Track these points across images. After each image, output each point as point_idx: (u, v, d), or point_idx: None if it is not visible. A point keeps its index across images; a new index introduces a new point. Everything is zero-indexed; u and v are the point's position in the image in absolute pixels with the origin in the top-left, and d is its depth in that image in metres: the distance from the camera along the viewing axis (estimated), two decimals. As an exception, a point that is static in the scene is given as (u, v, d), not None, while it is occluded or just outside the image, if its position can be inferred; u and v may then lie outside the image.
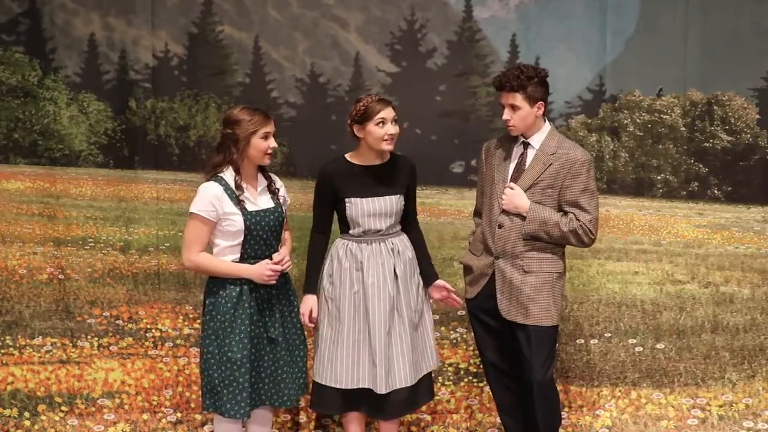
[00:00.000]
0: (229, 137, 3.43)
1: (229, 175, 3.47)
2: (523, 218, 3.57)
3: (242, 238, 3.45)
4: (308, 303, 3.66)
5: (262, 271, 3.45)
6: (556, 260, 3.64)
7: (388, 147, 3.56)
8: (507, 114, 3.57)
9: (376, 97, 3.57)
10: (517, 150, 3.67)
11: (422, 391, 3.75)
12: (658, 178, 4.58)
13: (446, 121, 4.51)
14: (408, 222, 3.75)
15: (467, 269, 3.79)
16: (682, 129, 4.56)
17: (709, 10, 4.42)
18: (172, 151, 4.60)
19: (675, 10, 4.43)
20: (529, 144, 3.64)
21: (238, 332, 3.44)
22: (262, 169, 3.57)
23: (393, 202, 3.63)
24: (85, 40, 4.52)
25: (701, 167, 4.55)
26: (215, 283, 3.48)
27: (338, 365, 3.62)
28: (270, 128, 3.45)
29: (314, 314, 3.64)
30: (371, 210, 3.60)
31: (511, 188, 3.59)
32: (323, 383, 3.66)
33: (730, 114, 4.52)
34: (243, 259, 3.47)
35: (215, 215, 3.42)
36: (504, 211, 3.61)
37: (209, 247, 3.50)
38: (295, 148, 4.52)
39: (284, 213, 3.58)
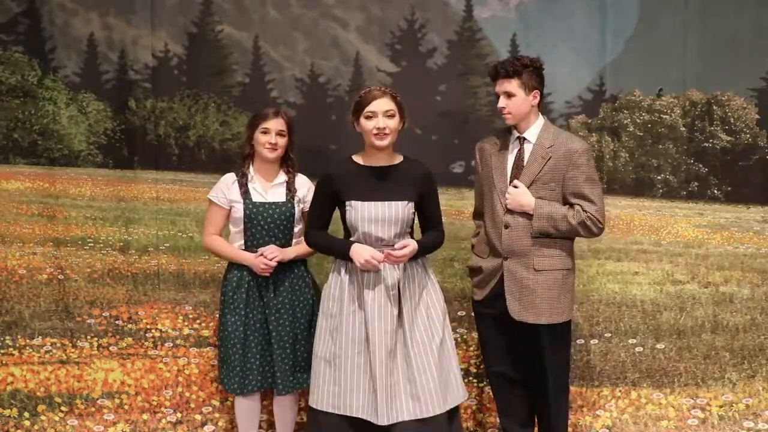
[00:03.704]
0: (246, 134, 3.81)
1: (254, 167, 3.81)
2: (530, 216, 3.54)
3: (243, 226, 3.73)
4: (360, 252, 3.32)
5: (257, 262, 3.68)
6: (565, 257, 3.62)
7: (379, 143, 3.36)
8: (502, 102, 3.54)
9: (375, 87, 3.44)
10: (512, 146, 3.64)
11: (447, 428, 3.37)
12: (658, 178, 4.58)
13: (446, 121, 4.50)
14: (427, 232, 3.55)
15: (475, 271, 3.72)
16: (682, 129, 4.56)
17: (708, 11, 4.42)
18: (172, 151, 4.60)
19: (675, 10, 4.42)
20: (525, 139, 3.61)
21: (234, 314, 3.74)
22: (289, 167, 3.79)
23: (398, 209, 3.39)
24: (84, 40, 4.51)
25: (701, 167, 4.56)
26: (227, 265, 3.83)
27: (335, 388, 3.38)
28: (269, 124, 3.72)
29: (376, 256, 3.30)
30: (371, 215, 3.37)
31: (515, 186, 3.56)
32: (317, 408, 3.43)
33: (729, 114, 4.52)
34: (247, 247, 3.75)
35: (225, 201, 3.76)
36: (509, 211, 3.56)
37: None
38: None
39: (294, 210, 3.74)
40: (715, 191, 4.55)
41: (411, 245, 3.37)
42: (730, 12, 4.42)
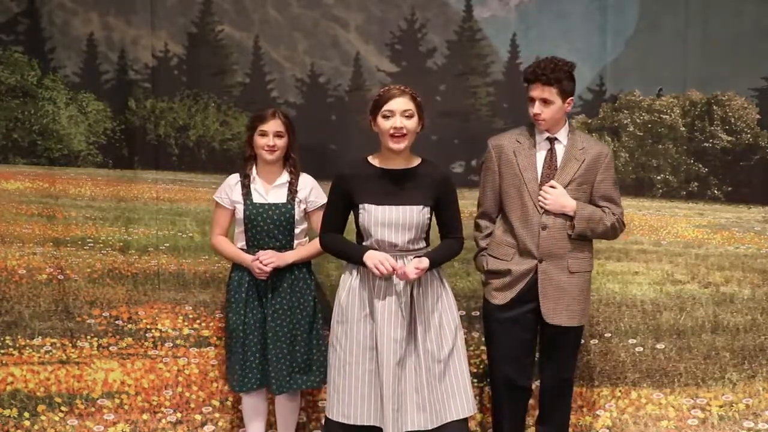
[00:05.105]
0: (246, 135, 3.85)
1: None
2: (567, 218, 3.52)
3: (243, 227, 3.77)
4: (373, 255, 3.24)
5: (252, 266, 3.71)
6: (591, 258, 3.68)
7: (394, 145, 3.26)
8: (538, 108, 3.48)
9: (395, 86, 3.33)
10: (542, 146, 3.59)
11: None
12: (658, 178, 4.58)
13: (446, 121, 4.49)
14: (445, 238, 3.46)
15: (500, 274, 3.60)
16: (682, 129, 4.55)
17: (709, 10, 4.41)
18: (172, 151, 4.60)
19: (675, 10, 4.42)
20: (556, 139, 3.58)
21: (235, 313, 3.78)
22: (292, 168, 3.81)
23: (414, 214, 3.29)
24: (84, 40, 4.51)
25: (701, 167, 4.55)
26: (232, 264, 3.87)
27: (346, 396, 3.33)
28: (266, 126, 3.75)
29: (390, 261, 3.22)
30: (385, 219, 3.27)
31: (554, 187, 3.51)
32: (330, 417, 3.39)
33: (730, 114, 4.51)
34: (249, 247, 3.77)
35: (228, 202, 3.81)
36: (546, 212, 3.52)
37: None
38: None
39: (294, 212, 3.75)
40: (716, 191, 4.54)
41: (423, 264, 3.30)
42: (731, 12, 4.41)
